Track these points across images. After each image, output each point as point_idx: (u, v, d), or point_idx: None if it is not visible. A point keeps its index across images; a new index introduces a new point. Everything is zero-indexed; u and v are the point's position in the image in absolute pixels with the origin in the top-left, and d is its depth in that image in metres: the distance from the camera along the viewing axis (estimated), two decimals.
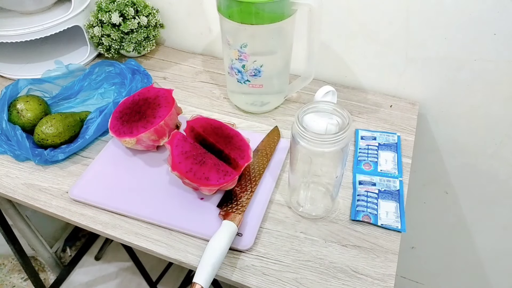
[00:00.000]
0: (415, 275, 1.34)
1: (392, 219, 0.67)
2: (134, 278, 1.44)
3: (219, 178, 0.66)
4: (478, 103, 0.88)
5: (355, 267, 0.62)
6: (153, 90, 0.79)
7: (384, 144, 0.80)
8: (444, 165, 1.01)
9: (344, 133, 0.56)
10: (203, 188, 0.66)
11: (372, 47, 0.89)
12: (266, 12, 0.70)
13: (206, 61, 1.05)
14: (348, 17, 0.87)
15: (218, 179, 0.66)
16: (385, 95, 0.93)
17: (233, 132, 0.73)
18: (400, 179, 0.74)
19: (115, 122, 0.76)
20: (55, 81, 0.92)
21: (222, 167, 0.67)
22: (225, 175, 0.67)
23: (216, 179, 0.66)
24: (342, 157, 0.60)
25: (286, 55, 0.82)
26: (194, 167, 0.66)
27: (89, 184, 0.73)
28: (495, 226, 1.07)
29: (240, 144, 0.71)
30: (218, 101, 0.93)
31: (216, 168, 0.67)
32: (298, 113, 0.59)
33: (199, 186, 0.66)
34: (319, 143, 0.57)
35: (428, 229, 1.17)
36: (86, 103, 0.90)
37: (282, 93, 0.88)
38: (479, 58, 0.82)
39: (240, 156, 0.69)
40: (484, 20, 0.77)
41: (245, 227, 0.66)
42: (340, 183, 0.67)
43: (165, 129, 0.73)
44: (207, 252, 0.59)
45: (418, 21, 0.82)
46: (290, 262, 0.63)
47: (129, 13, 0.95)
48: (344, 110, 0.59)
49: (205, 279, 0.56)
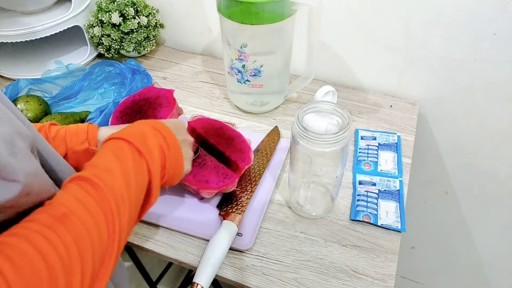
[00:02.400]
0: (415, 275, 1.34)
1: (392, 219, 0.67)
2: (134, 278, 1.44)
3: (219, 181, 0.66)
4: (478, 103, 0.88)
5: (355, 267, 0.62)
6: (154, 90, 0.79)
7: (384, 144, 0.80)
8: (444, 165, 1.01)
9: (344, 133, 0.56)
10: (202, 191, 0.66)
11: (372, 47, 0.89)
12: (266, 12, 0.70)
13: (206, 61, 1.05)
14: (348, 17, 0.87)
15: (218, 182, 0.65)
16: (385, 95, 0.93)
17: (234, 133, 0.73)
18: (400, 179, 0.74)
19: (116, 122, 0.76)
20: (55, 81, 0.92)
21: (222, 170, 0.67)
22: (224, 178, 0.66)
23: (215, 182, 0.65)
24: (342, 157, 0.60)
25: (286, 55, 0.82)
26: (194, 169, 0.66)
27: None
28: (495, 226, 1.07)
29: (241, 146, 0.71)
30: (218, 101, 0.93)
31: (216, 170, 0.67)
32: (298, 113, 0.59)
33: (198, 189, 0.66)
34: (319, 143, 0.57)
35: (428, 229, 1.17)
36: (86, 103, 0.90)
37: (282, 93, 0.88)
38: (479, 58, 0.82)
39: (241, 158, 0.68)
40: (484, 20, 0.77)
41: (245, 227, 0.66)
42: (340, 183, 0.67)
43: None
44: (207, 252, 0.59)
45: (418, 21, 0.82)
46: (290, 262, 0.63)
47: (129, 13, 0.95)
48: (344, 110, 0.59)
49: (205, 279, 0.56)
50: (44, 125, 0.60)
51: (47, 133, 0.59)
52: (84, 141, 0.60)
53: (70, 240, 0.34)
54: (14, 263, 0.30)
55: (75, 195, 0.38)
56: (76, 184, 0.39)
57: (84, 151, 0.60)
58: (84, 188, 0.39)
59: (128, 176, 0.43)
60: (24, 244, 0.32)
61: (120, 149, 0.45)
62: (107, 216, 0.38)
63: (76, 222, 0.35)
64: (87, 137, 0.60)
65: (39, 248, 0.32)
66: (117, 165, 0.43)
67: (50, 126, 0.60)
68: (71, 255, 0.33)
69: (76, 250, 0.34)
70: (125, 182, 0.42)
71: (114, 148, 0.46)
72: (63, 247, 0.33)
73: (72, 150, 0.59)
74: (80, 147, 0.59)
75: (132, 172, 0.44)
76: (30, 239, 0.32)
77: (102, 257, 0.37)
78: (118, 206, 0.39)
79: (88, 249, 0.35)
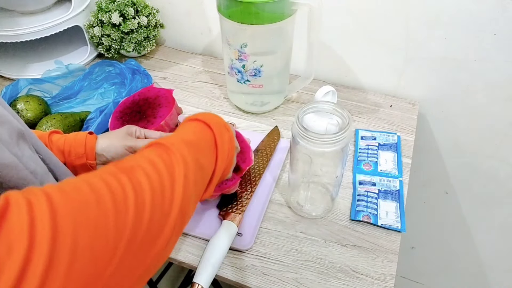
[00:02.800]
0: (415, 275, 1.34)
1: (392, 219, 0.67)
2: None
3: (221, 183, 0.64)
4: (478, 103, 0.88)
5: (355, 267, 0.62)
6: (154, 90, 0.79)
7: (384, 144, 0.80)
8: (444, 165, 1.01)
9: (344, 133, 0.56)
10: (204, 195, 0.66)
11: (372, 47, 0.89)
12: (266, 12, 0.70)
13: (206, 61, 1.05)
14: (348, 17, 0.87)
15: (220, 184, 0.64)
16: (385, 95, 0.93)
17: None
18: (400, 179, 0.74)
19: (115, 122, 0.76)
20: (55, 81, 0.92)
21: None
22: (226, 179, 0.65)
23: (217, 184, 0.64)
24: (342, 157, 0.60)
25: (286, 55, 0.82)
26: None
27: None
28: (495, 226, 1.07)
29: (242, 146, 0.70)
30: (218, 101, 0.93)
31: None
32: (298, 113, 0.59)
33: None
34: (319, 143, 0.57)
35: (428, 229, 1.17)
36: (86, 103, 0.90)
37: (282, 93, 0.88)
38: (479, 58, 0.82)
39: (242, 159, 0.67)
40: (484, 20, 0.77)
41: (245, 227, 0.66)
42: (340, 183, 0.67)
43: (166, 129, 0.73)
44: (207, 252, 0.59)
45: (418, 21, 0.82)
46: (290, 262, 0.63)
47: (129, 13, 0.95)
48: (344, 110, 0.59)
49: (205, 279, 0.56)
50: (44, 135, 0.59)
51: (46, 143, 0.58)
52: (82, 156, 0.59)
53: (130, 187, 0.32)
54: (66, 193, 0.29)
55: (148, 156, 0.38)
56: (151, 148, 0.40)
57: (81, 165, 0.59)
58: (157, 152, 0.39)
59: (199, 159, 0.43)
60: (81, 183, 0.31)
61: (201, 130, 0.47)
62: (173, 179, 0.37)
63: (141, 174, 0.34)
64: (85, 151, 0.59)
65: (94, 187, 0.31)
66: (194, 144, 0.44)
67: (51, 134, 0.60)
68: (127, 200, 0.31)
69: (133, 197, 0.32)
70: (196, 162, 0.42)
71: (195, 128, 0.48)
72: (120, 191, 0.31)
73: (71, 164, 0.59)
74: (78, 162, 0.59)
75: (205, 155, 0.45)
76: (89, 181, 0.31)
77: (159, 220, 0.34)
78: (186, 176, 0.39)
79: (145, 204, 0.33)
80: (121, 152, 0.60)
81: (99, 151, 0.59)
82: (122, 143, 0.60)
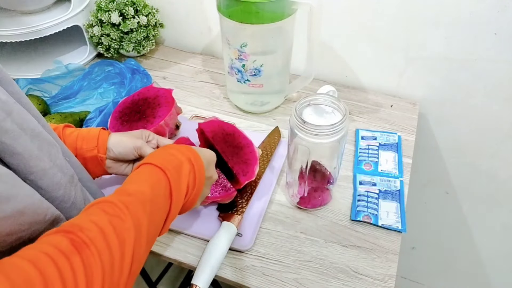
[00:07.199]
0: (415, 275, 1.34)
1: (393, 219, 0.67)
2: None
3: (214, 192, 0.64)
4: (478, 103, 0.87)
5: (355, 267, 0.62)
6: (153, 89, 0.78)
7: (384, 144, 0.80)
8: (445, 165, 1.01)
9: (342, 123, 0.56)
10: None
11: (372, 47, 0.89)
12: (266, 12, 0.70)
13: (206, 61, 1.05)
14: (348, 17, 0.87)
15: (213, 192, 0.64)
16: (386, 95, 0.93)
17: (244, 142, 0.69)
18: (401, 179, 0.73)
19: (115, 122, 0.75)
20: (55, 81, 0.91)
21: (221, 180, 0.66)
22: (222, 189, 0.65)
23: (211, 192, 0.64)
24: (339, 148, 0.60)
25: (286, 54, 0.81)
26: None
27: None
28: (495, 226, 1.07)
29: (248, 157, 0.67)
30: (218, 101, 0.92)
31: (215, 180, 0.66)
32: (296, 106, 0.59)
33: None
34: (317, 135, 0.57)
35: (429, 229, 1.17)
36: (86, 103, 0.90)
37: (282, 92, 0.88)
38: (479, 58, 0.81)
39: (244, 171, 0.65)
40: (484, 20, 0.77)
41: (245, 227, 0.66)
42: (337, 174, 0.67)
43: (165, 129, 0.73)
44: (206, 254, 0.59)
45: (418, 21, 0.82)
46: (290, 262, 0.62)
47: (129, 12, 0.95)
48: (340, 102, 0.59)
49: (203, 281, 0.56)
50: (58, 127, 0.60)
51: (60, 135, 0.59)
52: (94, 148, 0.60)
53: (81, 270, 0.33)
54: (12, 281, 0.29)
55: (97, 223, 0.37)
56: (101, 209, 0.40)
57: (92, 158, 0.60)
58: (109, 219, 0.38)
59: (153, 213, 0.43)
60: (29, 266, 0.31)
61: (157, 181, 0.46)
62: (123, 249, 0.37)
63: (93, 253, 0.35)
64: (97, 144, 0.60)
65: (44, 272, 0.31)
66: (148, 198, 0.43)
67: (64, 128, 0.61)
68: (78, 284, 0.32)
69: (85, 280, 0.33)
70: (149, 218, 0.42)
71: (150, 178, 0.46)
72: (71, 276, 0.32)
73: (82, 156, 0.59)
74: (89, 154, 0.60)
75: (159, 208, 0.44)
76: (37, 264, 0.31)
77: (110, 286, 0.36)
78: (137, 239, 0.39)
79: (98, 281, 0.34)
80: (129, 150, 0.61)
81: (109, 145, 0.61)
82: (132, 142, 0.61)
